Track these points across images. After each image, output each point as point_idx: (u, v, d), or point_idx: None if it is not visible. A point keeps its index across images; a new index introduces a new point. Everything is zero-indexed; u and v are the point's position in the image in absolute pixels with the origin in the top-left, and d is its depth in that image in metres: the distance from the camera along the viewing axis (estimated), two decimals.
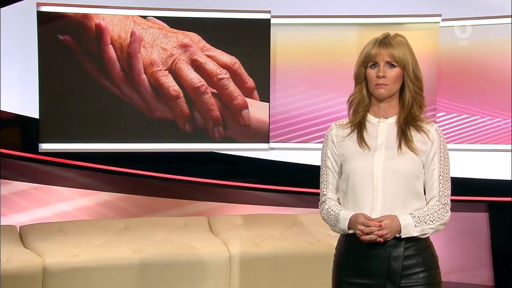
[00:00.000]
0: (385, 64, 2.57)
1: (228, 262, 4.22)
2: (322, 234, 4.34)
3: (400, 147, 2.60)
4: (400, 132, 2.62)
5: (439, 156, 2.62)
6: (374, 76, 2.58)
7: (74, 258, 4.00)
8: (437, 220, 2.60)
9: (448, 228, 2.75)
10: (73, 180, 4.78)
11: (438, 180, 2.62)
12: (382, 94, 2.60)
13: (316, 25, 4.79)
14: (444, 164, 2.63)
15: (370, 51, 2.59)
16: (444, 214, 2.62)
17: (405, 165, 2.59)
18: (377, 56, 2.57)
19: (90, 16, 4.51)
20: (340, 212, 2.63)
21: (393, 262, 2.59)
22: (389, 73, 2.58)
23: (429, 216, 2.59)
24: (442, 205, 2.63)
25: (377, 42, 2.60)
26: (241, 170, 4.90)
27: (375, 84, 2.59)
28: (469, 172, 4.83)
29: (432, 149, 2.62)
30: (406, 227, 2.55)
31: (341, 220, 2.62)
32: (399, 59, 2.57)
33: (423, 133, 2.62)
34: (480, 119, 4.83)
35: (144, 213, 4.91)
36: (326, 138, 2.72)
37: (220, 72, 4.66)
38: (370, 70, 2.60)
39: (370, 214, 2.58)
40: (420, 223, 2.57)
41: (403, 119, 2.62)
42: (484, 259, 5.11)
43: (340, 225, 2.63)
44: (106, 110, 4.60)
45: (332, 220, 2.66)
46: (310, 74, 4.81)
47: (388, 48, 2.57)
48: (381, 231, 2.52)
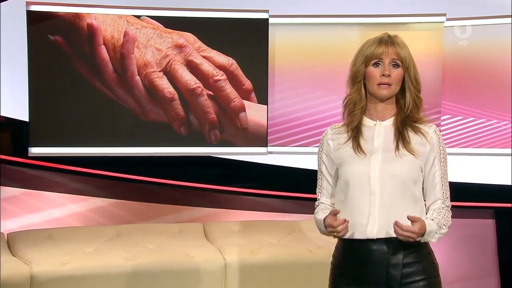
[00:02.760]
0: (390, 62, 2.56)
1: (223, 270, 4.20)
2: (321, 241, 4.30)
3: (397, 148, 2.59)
4: (397, 133, 2.60)
5: (439, 158, 2.62)
6: (378, 74, 2.56)
7: (63, 267, 3.98)
8: (447, 224, 2.61)
9: (453, 235, 2.72)
10: (64, 185, 4.75)
11: (440, 182, 2.62)
12: (385, 95, 2.59)
13: (316, 25, 4.77)
14: (444, 166, 2.63)
15: (375, 49, 2.57)
16: (449, 216, 2.63)
17: (402, 169, 2.57)
18: (383, 53, 2.56)
19: (81, 16, 4.48)
20: (317, 215, 2.67)
21: (392, 269, 2.56)
22: (393, 73, 2.57)
23: (443, 220, 2.59)
24: (447, 206, 2.63)
25: (381, 41, 2.59)
26: (238, 175, 4.88)
27: (378, 83, 2.57)
28: (475, 177, 4.81)
29: (431, 151, 2.61)
30: (429, 233, 2.54)
31: (319, 223, 2.65)
32: (404, 59, 2.57)
33: (421, 134, 2.61)
34: (486, 122, 4.81)
35: (138, 219, 4.88)
36: (322, 142, 2.72)
37: (217, 73, 4.63)
38: (372, 68, 2.58)
39: (367, 219, 2.56)
40: (440, 229, 2.57)
41: (401, 120, 2.60)
42: (490, 268, 5.08)
43: (321, 228, 2.65)
44: (98, 113, 4.57)
45: (318, 225, 2.68)
46: (310, 76, 4.79)
47: (394, 47, 2.57)
48: (411, 234, 2.46)
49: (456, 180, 4.50)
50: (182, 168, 4.76)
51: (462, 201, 4.66)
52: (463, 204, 4.73)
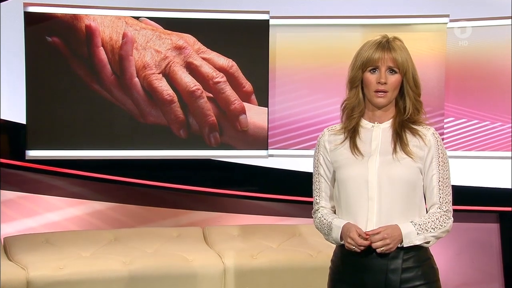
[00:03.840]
0: (386, 69, 2.54)
1: (222, 275, 4.19)
2: (322, 245, 4.30)
3: (395, 151, 2.56)
4: (395, 135, 2.58)
5: (438, 161, 2.58)
6: (374, 82, 2.55)
7: (60, 271, 3.96)
8: (439, 227, 2.56)
9: (456, 239, 2.68)
10: (62, 188, 4.74)
11: (437, 187, 2.58)
12: (381, 102, 2.57)
13: (317, 26, 4.75)
14: (443, 169, 2.58)
15: (371, 54, 2.54)
16: (446, 221, 2.58)
17: (401, 172, 2.55)
18: (379, 60, 2.53)
19: (80, 17, 4.47)
20: (333, 220, 2.61)
21: (391, 274, 2.54)
22: (389, 80, 2.54)
23: (430, 224, 2.55)
24: (444, 212, 2.59)
25: (378, 45, 2.56)
26: (238, 178, 4.87)
27: (374, 90, 2.56)
28: (479, 181, 4.79)
29: (429, 154, 2.58)
30: (408, 235, 2.51)
31: (334, 229, 2.59)
32: (401, 65, 2.54)
33: (418, 137, 2.58)
34: (490, 124, 4.79)
35: (136, 223, 4.87)
36: (318, 144, 2.70)
37: (217, 75, 4.62)
38: (369, 74, 2.56)
39: (365, 224, 2.54)
40: (422, 230, 2.53)
41: (399, 122, 2.58)
42: (494, 273, 5.05)
43: (333, 234, 2.60)
44: (96, 115, 4.57)
45: (325, 229, 2.64)
46: (311, 78, 4.77)
47: (390, 53, 2.54)
48: (383, 241, 2.47)
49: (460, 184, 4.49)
50: (181, 172, 4.76)
51: (466, 205, 4.65)
52: (467, 208, 4.72)
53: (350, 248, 2.51)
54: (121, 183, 4.67)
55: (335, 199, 2.65)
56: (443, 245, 2.46)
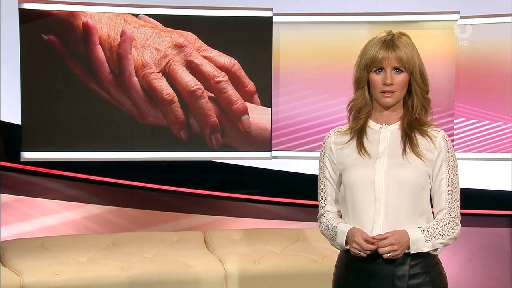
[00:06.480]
0: (392, 69, 2.52)
1: (224, 281, 4.19)
2: (327, 250, 4.29)
3: (404, 152, 2.55)
4: (404, 135, 2.56)
5: (447, 165, 2.56)
6: (380, 82, 2.53)
7: (55, 277, 3.97)
8: (447, 234, 2.55)
9: (467, 244, 2.66)
10: (58, 191, 4.75)
11: (446, 191, 2.57)
12: (389, 103, 2.56)
13: (322, 23, 4.76)
14: (453, 174, 2.57)
15: (376, 54, 2.52)
16: (454, 227, 2.57)
17: (409, 175, 2.53)
18: (384, 61, 2.51)
19: (76, 14, 4.48)
20: (338, 225, 2.60)
21: (397, 281, 2.52)
22: (396, 79, 2.53)
23: (438, 230, 2.54)
24: (452, 218, 2.57)
25: (383, 43, 2.53)
26: (240, 181, 4.88)
27: (380, 91, 2.54)
28: (490, 184, 4.78)
29: (439, 157, 2.56)
30: (416, 241, 2.50)
31: (339, 234, 2.58)
32: (407, 64, 2.52)
33: (428, 139, 2.56)
34: (503, 125, 4.78)
35: (135, 227, 4.88)
36: (324, 146, 2.68)
37: (218, 74, 4.63)
38: (374, 75, 2.54)
39: (372, 228, 2.52)
40: (430, 237, 2.52)
41: (407, 122, 2.57)
42: (506, 279, 5.05)
43: (338, 239, 2.58)
44: (94, 116, 4.58)
45: (330, 234, 2.62)
46: (316, 77, 4.77)
47: (395, 51, 2.52)
48: (391, 247, 2.45)
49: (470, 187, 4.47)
50: (181, 174, 4.78)
51: (477, 208, 4.66)
52: (478, 212, 4.73)
53: (356, 253, 2.50)
54: (119, 186, 4.70)
55: (341, 202, 2.64)
56: (453, 251, 2.45)
